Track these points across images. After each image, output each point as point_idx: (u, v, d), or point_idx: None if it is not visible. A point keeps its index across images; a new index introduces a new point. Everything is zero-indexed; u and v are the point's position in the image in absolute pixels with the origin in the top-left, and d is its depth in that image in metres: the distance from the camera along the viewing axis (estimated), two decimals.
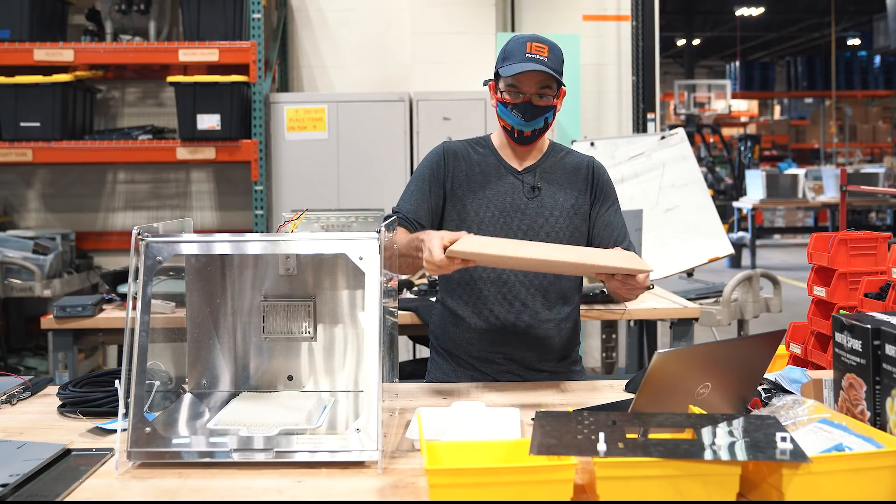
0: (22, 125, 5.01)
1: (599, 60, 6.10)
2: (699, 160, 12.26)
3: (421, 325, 3.49)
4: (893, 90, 19.10)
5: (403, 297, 3.71)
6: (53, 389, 2.16)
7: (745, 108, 20.69)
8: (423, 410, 1.86)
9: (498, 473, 1.39)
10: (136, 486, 1.58)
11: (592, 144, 5.24)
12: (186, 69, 5.34)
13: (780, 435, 1.40)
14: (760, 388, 1.88)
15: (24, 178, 5.63)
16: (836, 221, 11.55)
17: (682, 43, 20.78)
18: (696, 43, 21.12)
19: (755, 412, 1.77)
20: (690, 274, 5.02)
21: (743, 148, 14.40)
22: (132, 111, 5.68)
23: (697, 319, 3.70)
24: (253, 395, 1.97)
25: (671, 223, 4.93)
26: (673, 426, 1.50)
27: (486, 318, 2.38)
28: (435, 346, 2.51)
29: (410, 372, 3.69)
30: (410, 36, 5.80)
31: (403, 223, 2.36)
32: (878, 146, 18.61)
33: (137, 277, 1.70)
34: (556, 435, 1.46)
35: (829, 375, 1.85)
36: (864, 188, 4.01)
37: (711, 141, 16.37)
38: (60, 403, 2.03)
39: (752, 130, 19.76)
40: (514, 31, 5.97)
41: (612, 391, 2.22)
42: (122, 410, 1.64)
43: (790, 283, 9.45)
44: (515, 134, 2.35)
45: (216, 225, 5.68)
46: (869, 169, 13.19)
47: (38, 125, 5.01)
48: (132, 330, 1.67)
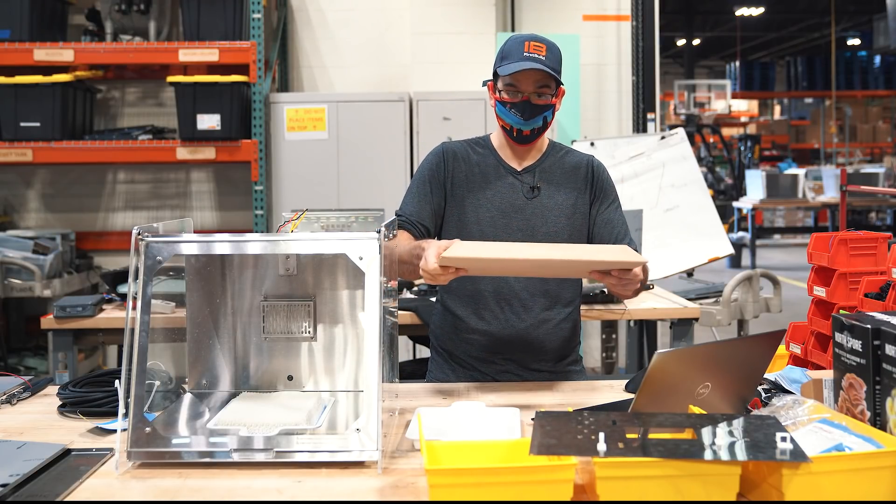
0: (22, 125, 5.02)
1: (599, 60, 6.10)
2: (699, 160, 12.26)
3: (421, 325, 3.49)
4: (893, 90, 19.10)
5: (403, 297, 3.71)
6: (53, 389, 2.16)
7: (745, 108, 20.69)
8: (423, 410, 1.85)
9: (498, 473, 1.39)
10: (136, 486, 1.58)
11: (592, 144, 5.24)
12: (186, 69, 5.34)
13: (780, 435, 1.41)
14: (760, 388, 1.88)
15: (24, 178, 5.63)
16: (836, 221, 11.55)
17: (682, 43, 20.78)
18: (696, 43, 21.12)
19: (755, 412, 1.77)
20: (690, 274, 5.02)
21: (743, 148, 14.40)
22: (132, 111, 5.69)
23: (697, 319, 3.70)
24: (253, 395, 1.97)
25: (671, 223, 4.93)
26: (673, 426, 1.50)
27: (485, 318, 2.37)
28: (435, 346, 2.51)
29: (410, 372, 3.69)
30: (410, 36, 5.80)
31: (406, 226, 2.36)
32: (878, 146, 18.61)
33: (137, 277, 1.70)
34: (556, 435, 1.46)
35: (829, 375, 1.85)
36: (864, 188, 4.01)
37: (711, 141, 16.37)
38: (60, 403, 2.03)
39: (752, 130, 19.76)
40: (513, 31, 5.97)
41: (612, 391, 2.22)
42: (122, 410, 1.65)
43: (790, 283, 9.45)
44: (514, 133, 2.35)
45: (216, 225, 5.68)
46: (869, 169, 13.19)
47: (38, 125, 5.01)
48: (132, 330, 1.67)
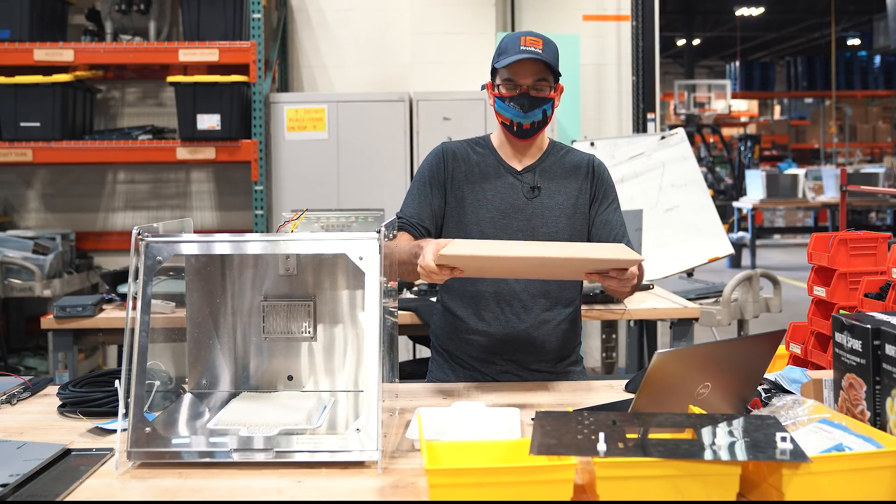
0: (22, 125, 5.01)
1: (599, 60, 6.10)
2: (699, 160, 12.26)
3: (421, 325, 3.49)
4: (893, 90, 19.10)
5: (403, 297, 3.71)
6: (53, 389, 2.16)
7: (745, 108, 20.68)
8: (423, 410, 1.85)
9: (498, 473, 1.39)
10: (136, 486, 1.58)
11: (592, 144, 5.24)
12: (186, 69, 5.34)
13: (780, 435, 1.41)
14: (760, 388, 1.88)
15: (24, 178, 5.63)
16: (836, 221, 11.55)
17: (682, 43, 20.78)
18: (696, 43, 21.12)
19: (755, 412, 1.77)
20: (690, 274, 5.02)
21: (743, 148, 14.40)
22: (132, 111, 5.68)
23: (697, 319, 3.70)
24: (253, 395, 1.97)
25: (671, 223, 4.93)
26: (673, 426, 1.50)
27: (485, 319, 2.37)
28: (435, 346, 2.51)
29: (410, 372, 3.69)
30: (410, 36, 5.80)
31: (407, 228, 2.35)
32: (878, 146, 18.61)
33: (137, 277, 1.70)
34: (556, 435, 1.46)
35: (829, 375, 1.85)
36: (864, 188, 4.01)
37: (711, 141, 16.37)
38: (60, 403, 2.03)
39: (752, 130, 19.76)
40: (514, 31, 5.96)
41: (612, 391, 2.22)
42: (122, 410, 1.65)
43: (790, 283, 9.44)
44: (515, 128, 2.34)
45: (216, 225, 5.68)
46: (869, 169, 13.19)
47: (38, 125, 5.01)
48: (132, 330, 1.67)
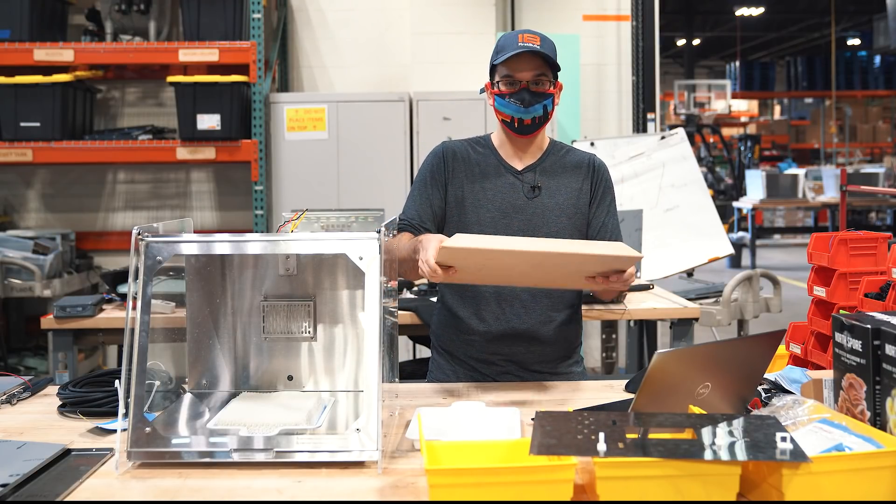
0: (22, 125, 5.01)
1: (599, 60, 6.10)
2: (699, 160, 12.26)
3: (421, 325, 3.49)
4: (893, 90, 19.10)
5: (403, 297, 3.71)
6: (53, 389, 2.16)
7: (745, 108, 20.68)
8: (423, 410, 1.85)
9: (498, 473, 1.39)
10: (136, 486, 1.58)
11: (592, 144, 5.25)
12: (186, 69, 5.34)
13: (780, 435, 1.41)
14: (760, 388, 1.88)
15: (24, 178, 5.63)
16: (836, 221, 11.55)
17: (682, 43, 20.78)
18: (696, 43, 21.11)
19: (755, 412, 1.77)
20: (690, 274, 5.02)
21: (743, 148, 14.40)
22: (132, 111, 5.68)
23: (697, 319, 3.69)
24: (253, 395, 1.97)
25: (671, 223, 4.93)
26: (673, 426, 1.50)
27: (485, 319, 2.37)
28: (436, 346, 2.51)
29: (410, 372, 3.70)
30: (410, 36, 5.80)
31: (408, 230, 2.35)
32: (878, 146, 18.61)
33: (137, 277, 1.70)
34: (556, 435, 1.46)
35: (829, 375, 1.85)
36: (864, 188, 4.02)
37: (711, 141, 16.37)
38: (60, 403, 2.03)
39: (752, 130, 19.76)
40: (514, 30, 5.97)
41: (612, 391, 2.22)
42: (122, 410, 1.65)
43: (790, 283, 9.44)
44: (516, 124, 2.33)
45: (216, 225, 5.68)
46: (869, 169, 13.19)
47: (38, 125, 5.01)
48: (132, 330, 1.67)
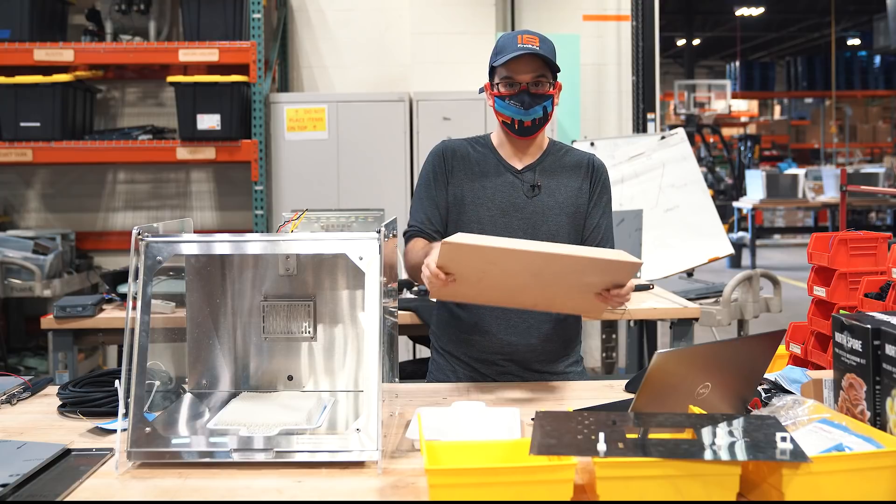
0: (22, 125, 5.01)
1: (599, 60, 6.10)
2: (699, 160, 12.26)
3: (421, 325, 3.49)
4: (893, 90, 19.09)
5: (403, 297, 3.71)
6: (53, 389, 2.16)
7: (745, 108, 20.66)
8: (423, 410, 1.85)
9: (498, 473, 1.39)
10: (136, 486, 1.58)
11: (592, 144, 5.25)
12: (186, 69, 5.34)
13: (780, 435, 1.41)
14: (760, 388, 1.88)
15: (24, 178, 5.63)
16: (836, 221, 11.55)
17: (682, 43, 20.77)
18: (696, 43, 21.11)
19: (755, 412, 1.77)
20: (690, 274, 5.02)
21: (743, 148, 14.40)
22: (132, 111, 5.68)
23: (697, 319, 3.69)
24: (253, 395, 1.97)
25: (671, 223, 4.93)
26: (673, 426, 1.50)
27: (485, 319, 2.37)
28: (435, 346, 2.51)
29: (410, 372, 3.70)
30: (410, 36, 5.80)
31: (420, 235, 2.35)
32: (878, 146, 18.61)
33: (137, 277, 1.70)
34: (556, 435, 1.46)
35: (829, 375, 1.85)
36: (864, 188, 4.02)
37: (711, 141, 16.37)
38: (60, 403, 2.03)
39: (752, 130, 19.75)
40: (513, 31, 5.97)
41: (612, 391, 2.22)
42: (122, 410, 1.65)
43: (790, 283, 9.44)
44: (516, 126, 2.33)
45: (216, 225, 5.68)
46: (869, 169, 13.19)
47: (38, 125, 5.01)
48: (132, 330, 1.67)
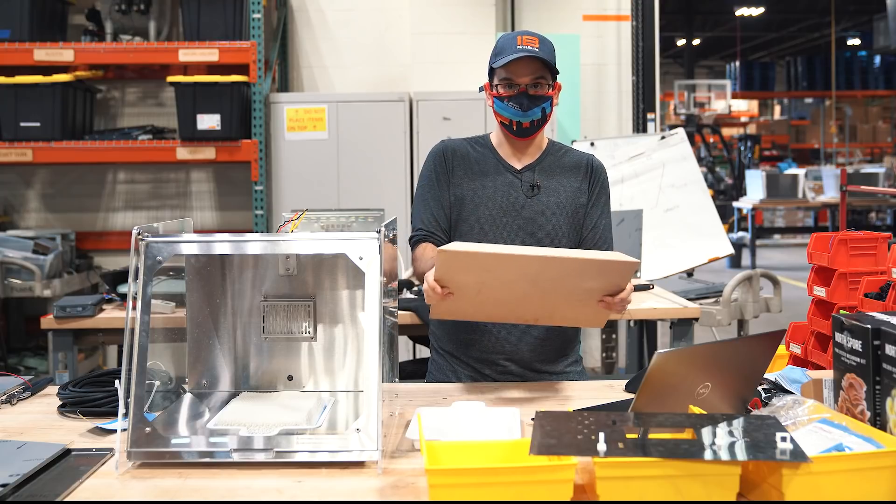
0: (22, 125, 5.02)
1: (599, 60, 6.10)
2: (699, 160, 12.26)
3: (421, 325, 3.49)
4: (893, 90, 19.09)
5: (403, 297, 3.71)
6: (53, 389, 2.16)
7: (745, 108, 20.66)
8: (423, 410, 1.85)
9: (498, 473, 1.39)
10: (136, 486, 1.58)
11: (592, 144, 5.25)
12: (186, 69, 5.34)
13: (780, 435, 1.41)
14: (760, 388, 1.88)
15: (24, 178, 5.63)
16: (836, 221, 11.55)
17: (682, 43, 20.77)
18: (696, 43, 21.11)
19: (755, 412, 1.77)
20: (690, 274, 5.02)
21: (743, 148, 14.40)
22: (132, 111, 5.69)
23: (697, 319, 3.69)
24: (253, 395, 1.97)
25: (671, 223, 4.93)
26: (673, 426, 1.50)
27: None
28: (435, 346, 2.51)
29: (410, 372, 3.69)
30: (410, 36, 5.80)
31: (428, 239, 2.35)
32: (878, 146, 18.60)
33: (137, 277, 1.70)
34: (556, 435, 1.46)
35: (829, 375, 1.85)
36: (864, 188, 4.01)
37: (711, 141, 16.37)
38: (60, 403, 2.03)
39: (752, 130, 19.75)
40: (513, 31, 5.97)
41: (612, 391, 2.22)
42: (122, 410, 1.65)
43: (790, 283, 9.44)
44: (514, 127, 2.34)
45: (216, 225, 5.68)
46: (869, 169, 13.19)
47: (38, 125, 5.01)
48: (132, 330, 1.67)
